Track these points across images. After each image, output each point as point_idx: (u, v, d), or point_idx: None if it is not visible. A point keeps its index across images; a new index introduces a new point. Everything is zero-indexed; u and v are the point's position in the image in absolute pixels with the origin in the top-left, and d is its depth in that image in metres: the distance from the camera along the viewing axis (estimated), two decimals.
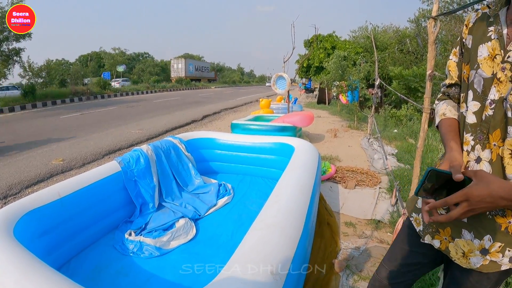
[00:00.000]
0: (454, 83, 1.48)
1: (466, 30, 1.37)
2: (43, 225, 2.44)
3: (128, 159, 3.44)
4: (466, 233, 1.24)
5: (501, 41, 1.16)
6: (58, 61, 56.68)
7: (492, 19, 1.23)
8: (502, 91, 1.13)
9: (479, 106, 1.22)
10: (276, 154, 4.31)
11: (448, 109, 1.48)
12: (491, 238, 1.19)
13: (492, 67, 1.17)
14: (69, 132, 10.59)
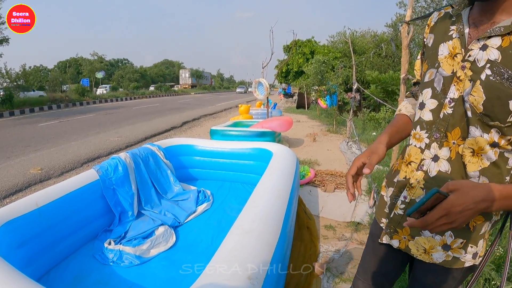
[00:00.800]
0: (417, 82, 1.54)
1: (428, 29, 1.40)
2: (21, 236, 2.43)
3: (106, 167, 3.44)
4: (425, 232, 1.26)
5: (462, 40, 1.18)
6: (36, 67, 55.90)
7: (455, 18, 1.25)
8: (461, 90, 1.15)
9: (436, 104, 1.23)
10: (254, 159, 4.34)
11: (405, 106, 1.54)
12: (452, 234, 1.22)
13: (452, 66, 1.19)
14: (47, 140, 10.45)
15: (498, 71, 1.05)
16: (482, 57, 1.09)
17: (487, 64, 1.07)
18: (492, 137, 1.10)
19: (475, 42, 1.13)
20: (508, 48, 1.05)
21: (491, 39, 1.08)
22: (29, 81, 29.08)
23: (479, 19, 1.17)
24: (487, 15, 1.14)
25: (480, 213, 1.11)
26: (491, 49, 1.08)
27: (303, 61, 29.11)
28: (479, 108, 1.09)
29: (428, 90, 1.27)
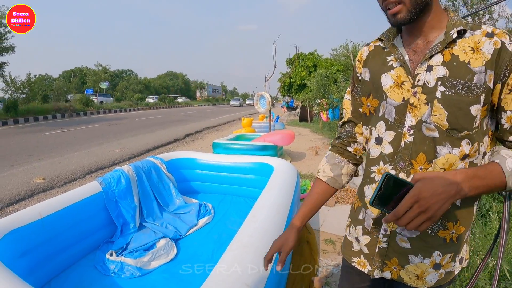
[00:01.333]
0: (347, 120, 1.50)
1: (359, 64, 1.40)
2: (24, 245, 2.48)
3: (109, 179, 3.48)
4: (413, 258, 1.24)
5: (406, 67, 1.19)
6: (41, 76, 56.12)
7: (389, 49, 1.27)
8: (418, 115, 1.15)
9: (394, 135, 1.22)
10: (256, 173, 4.39)
11: (323, 168, 1.50)
12: (440, 253, 1.22)
13: (402, 94, 1.19)
14: (51, 149, 10.52)
15: (451, 85, 1.09)
16: (431, 77, 1.12)
17: (437, 82, 1.11)
18: (463, 150, 1.12)
19: (419, 66, 1.16)
20: (451, 61, 1.10)
21: (433, 58, 1.13)
22: (33, 90, 29.21)
23: (413, 43, 1.21)
24: (419, 37, 1.19)
25: (461, 221, 1.20)
26: (436, 67, 1.12)
27: (306, 74, 29.20)
28: (444, 125, 1.11)
29: (381, 123, 1.26)
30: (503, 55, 1.06)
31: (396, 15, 1.13)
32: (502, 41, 1.07)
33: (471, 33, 1.12)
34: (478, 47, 1.09)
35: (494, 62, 1.07)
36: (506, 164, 1.05)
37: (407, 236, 1.23)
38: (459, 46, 1.12)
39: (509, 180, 1.04)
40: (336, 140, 1.54)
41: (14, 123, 20.80)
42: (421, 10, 1.13)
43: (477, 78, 1.07)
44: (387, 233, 1.27)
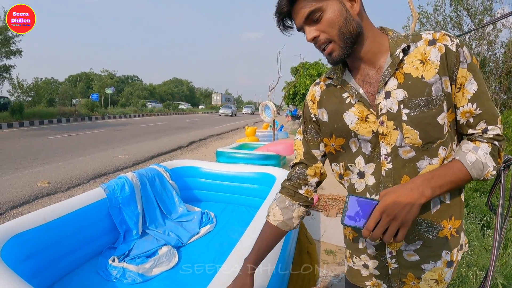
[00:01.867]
0: (299, 162, 1.47)
1: (313, 105, 1.40)
2: (28, 249, 2.52)
3: (113, 186, 3.53)
4: (426, 266, 1.25)
5: (364, 101, 1.20)
6: (47, 79, 56.43)
7: (341, 86, 1.27)
8: (391, 142, 1.17)
9: (374, 166, 1.23)
10: (258, 183, 4.43)
11: (273, 212, 1.46)
12: (447, 251, 1.24)
13: (370, 127, 1.20)
14: (56, 153, 10.59)
15: (413, 105, 1.12)
16: (392, 103, 1.14)
17: (400, 105, 1.13)
18: (441, 157, 1.16)
19: (377, 96, 1.17)
20: (406, 81, 1.13)
21: (388, 83, 1.15)
22: (39, 93, 29.40)
23: (364, 74, 1.22)
24: (368, 67, 1.21)
25: (455, 215, 1.24)
26: (394, 92, 1.14)
27: (310, 83, 29.31)
28: (418, 142, 1.14)
29: (360, 158, 1.27)
30: (449, 57, 1.11)
31: (331, 55, 1.17)
32: (445, 45, 1.12)
33: (415, 46, 1.16)
34: (425, 57, 1.13)
35: (445, 67, 1.11)
36: (466, 158, 1.12)
37: (412, 249, 1.24)
38: (408, 63, 1.15)
39: (472, 172, 1.11)
40: (286, 182, 1.51)
41: (19, 126, 20.92)
42: (353, 43, 1.15)
43: (435, 89, 1.11)
44: (393, 255, 1.28)
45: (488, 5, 14.69)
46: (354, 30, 1.13)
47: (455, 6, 15.44)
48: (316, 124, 1.40)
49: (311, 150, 1.44)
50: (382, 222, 1.05)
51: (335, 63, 1.20)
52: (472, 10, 15.04)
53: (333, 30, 1.13)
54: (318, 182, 1.47)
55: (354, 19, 1.14)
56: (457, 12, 15.59)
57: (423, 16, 16.13)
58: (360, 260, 1.39)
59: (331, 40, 1.14)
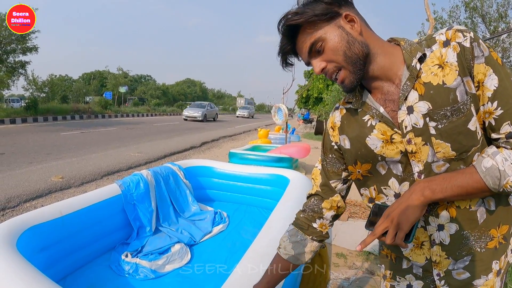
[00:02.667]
0: (315, 193, 1.44)
1: (333, 132, 1.35)
2: (43, 241, 2.55)
3: (129, 183, 3.56)
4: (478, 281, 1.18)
5: (387, 121, 1.14)
6: (61, 76, 57.08)
7: (361, 109, 1.21)
8: (423, 158, 1.10)
9: (408, 184, 1.16)
10: (271, 185, 4.43)
11: (284, 245, 1.43)
12: (496, 260, 1.18)
13: (397, 148, 1.14)
14: (69, 149, 10.69)
15: (439, 116, 1.05)
16: (417, 118, 1.08)
17: (425, 119, 1.06)
18: None
19: (400, 112, 1.11)
20: (426, 91, 1.06)
21: (408, 98, 1.09)
22: (54, 90, 29.73)
23: (384, 92, 1.16)
24: (386, 83, 1.15)
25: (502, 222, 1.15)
26: (416, 106, 1.07)
27: (323, 86, 29.26)
28: (452, 154, 1.07)
29: (393, 180, 1.20)
30: (466, 55, 1.03)
31: (344, 82, 1.13)
32: (458, 42, 1.04)
33: (430, 51, 1.09)
34: (443, 61, 1.06)
35: (464, 66, 1.03)
36: (481, 164, 1.02)
37: (461, 267, 1.18)
38: (425, 71, 1.07)
39: (486, 179, 1.00)
40: (300, 214, 1.46)
41: (33, 121, 21.22)
42: (364, 64, 1.10)
43: (460, 93, 1.03)
44: (441, 276, 1.21)
45: (503, 12, 14.63)
46: (360, 51, 1.09)
47: (470, 13, 15.41)
48: (338, 152, 1.35)
49: (329, 181, 1.39)
50: (383, 224, 1.06)
51: (350, 90, 1.16)
52: (487, 17, 14.99)
53: (339, 56, 1.09)
54: (334, 216, 1.43)
55: (357, 40, 1.09)
56: (472, 19, 15.54)
57: (438, 22, 16.10)
58: (405, 280, 1.32)
59: (340, 67, 1.11)
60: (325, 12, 1.08)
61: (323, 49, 1.10)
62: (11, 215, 5.16)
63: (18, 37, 23.15)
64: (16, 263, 1.85)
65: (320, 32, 1.09)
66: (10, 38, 22.63)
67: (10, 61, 24.22)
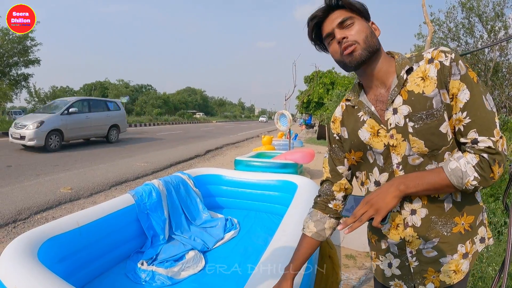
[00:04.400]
0: (326, 179, 1.67)
1: (335, 125, 1.60)
2: (62, 251, 2.63)
3: (141, 192, 3.64)
4: (444, 259, 1.38)
5: (375, 117, 1.39)
6: (62, 88, 57.11)
7: (357, 106, 1.47)
8: (401, 152, 1.33)
9: (387, 175, 1.40)
10: (279, 191, 4.51)
11: (307, 225, 1.64)
12: (462, 244, 1.37)
13: (381, 141, 1.37)
14: (75, 160, 10.75)
15: (416, 118, 1.28)
16: (399, 118, 1.31)
17: (406, 119, 1.30)
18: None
19: (386, 112, 1.35)
20: (409, 98, 1.29)
21: (394, 101, 1.32)
22: None
23: (377, 93, 1.41)
24: (380, 86, 1.40)
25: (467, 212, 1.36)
26: (400, 108, 1.31)
27: (324, 91, 29.33)
28: (425, 150, 1.29)
29: (375, 169, 1.44)
30: (444, 71, 1.25)
31: (352, 53, 1.32)
32: (440, 61, 1.26)
33: (417, 65, 1.32)
34: (426, 74, 1.28)
35: (442, 81, 1.25)
36: (448, 165, 1.23)
37: (430, 247, 1.38)
38: (410, 81, 1.31)
39: (451, 178, 1.21)
40: (317, 198, 1.69)
41: None
42: (373, 53, 1.34)
43: (435, 102, 1.25)
44: (413, 254, 1.42)
45: (500, 11, 14.68)
46: (375, 43, 1.34)
47: (467, 13, 15.45)
48: (340, 142, 1.59)
49: (336, 167, 1.62)
50: (361, 208, 1.25)
51: (354, 62, 1.34)
52: (484, 16, 15.04)
53: (361, 36, 1.32)
54: (344, 196, 1.64)
55: (376, 38, 1.36)
56: (469, 19, 15.59)
57: (435, 23, 16.15)
58: (386, 259, 1.55)
59: (357, 42, 1.31)
60: (363, 10, 1.37)
61: (351, 26, 1.33)
62: (22, 227, 5.23)
63: (20, 50, 23.34)
64: (41, 273, 1.94)
65: (354, 16, 1.34)
66: (13, 51, 22.83)
67: (12, 74, 24.42)
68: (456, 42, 16.52)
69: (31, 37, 23.79)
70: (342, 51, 1.34)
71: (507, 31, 14.33)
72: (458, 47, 16.32)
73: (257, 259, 2.30)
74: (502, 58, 15.45)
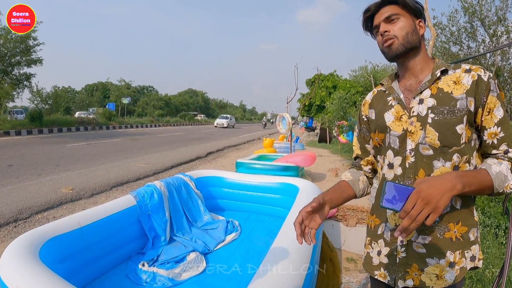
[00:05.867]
0: (356, 156, 1.85)
1: (364, 107, 1.76)
2: (63, 251, 2.62)
3: (143, 194, 3.64)
4: (430, 260, 1.44)
5: (402, 104, 1.51)
6: (64, 88, 57.24)
7: (388, 91, 1.60)
8: (416, 139, 1.43)
9: (401, 159, 1.49)
10: (281, 193, 4.50)
11: (345, 175, 1.77)
12: (451, 252, 1.42)
13: (402, 125, 1.48)
14: (77, 161, 10.77)
15: (438, 111, 1.39)
16: (423, 108, 1.43)
17: (428, 111, 1.41)
18: (454, 162, 1.39)
19: (412, 101, 1.47)
20: (437, 93, 1.42)
21: (423, 93, 1.45)
22: (57, 101, 29.87)
23: (408, 84, 1.54)
24: (412, 78, 1.53)
25: (462, 222, 1.43)
26: (426, 100, 1.43)
27: (325, 94, 29.35)
28: (436, 144, 1.39)
29: (390, 152, 1.55)
30: (480, 84, 1.37)
31: (391, 46, 1.48)
32: (478, 74, 1.38)
33: (453, 71, 1.44)
34: (459, 80, 1.40)
35: (474, 91, 1.37)
36: (491, 168, 1.32)
37: (421, 242, 1.44)
38: (443, 81, 1.43)
39: (495, 181, 1.31)
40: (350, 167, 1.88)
41: (38, 133, 21.38)
42: (410, 48, 1.47)
43: (460, 104, 1.37)
44: (404, 244, 1.48)
45: (502, 15, 14.66)
46: (414, 41, 1.47)
47: (469, 17, 15.43)
48: (367, 124, 1.73)
49: (364, 145, 1.78)
50: (417, 206, 1.19)
51: (391, 54, 1.50)
52: (486, 20, 15.01)
53: (402, 32, 1.46)
54: (371, 169, 1.81)
55: (418, 35, 1.49)
56: (471, 23, 15.57)
57: (438, 27, 16.14)
58: (377, 246, 1.63)
59: (396, 37, 1.46)
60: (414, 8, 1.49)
61: (396, 22, 1.48)
62: (23, 227, 5.23)
63: (23, 50, 23.36)
64: (43, 273, 1.94)
65: (401, 13, 1.48)
66: (15, 50, 22.86)
67: (15, 74, 24.45)
68: (458, 46, 16.49)
69: (34, 37, 23.83)
70: (383, 43, 1.50)
71: (510, 35, 14.32)
72: (460, 51, 16.30)
73: (258, 261, 2.31)
74: (503, 63, 15.43)
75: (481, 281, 3.11)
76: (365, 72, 31.56)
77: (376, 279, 1.65)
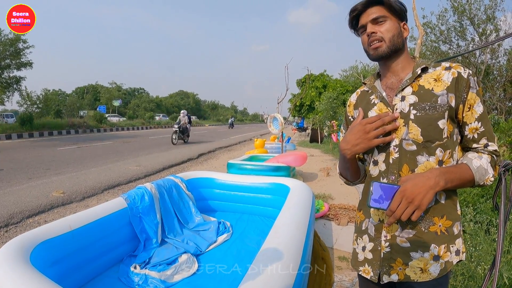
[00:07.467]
0: None
1: (350, 109, 1.83)
2: (54, 255, 2.61)
3: (134, 196, 3.64)
4: (414, 254, 1.48)
5: (385, 101, 1.57)
6: (54, 91, 56.95)
7: (371, 91, 1.68)
8: (400, 135, 1.49)
9: (384, 155, 1.55)
10: (272, 193, 4.51)
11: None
12: (435, 245, 1.47)
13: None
14: (68, 164, 10.74)
15: (420, 107, 1.45)
16: (405, 105, 1.49)
17: (410, 107, 1.47)
18: (438, 157, 1.46)
19: (395, 98, 1.53)
20: (418, 90, 1.48)
21: (404, 90, 1.51)
22: (48, 104, 29.73)
23: (389, 82, 1.61)
24: (393, 77, 1.60)
25: (447, 216, 1.49)
26: (408, 97, 1.49)
27: (316, 94, 29.41)
28: (419, 139, 1.46)
29: (374, 149, 1.60)
30: (460, 81, 1.44)
31: (377, 49, 1.53)
32: (458, 71, 1.46)
33: (433, 69, 1.52)
34: (439, 77, 1.48)
35: (454, 87, 1.44)
36: (472, 163, 1.42)
37: (405, 237, 1.49)
38: (424, 78, 1.50)
39: (476, 175, 1.41)
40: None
41: (29, 136, 21.31)
42: (395, 51, 1.54)
43: (440, 99, 1.44)
44: (387, 238, 1.54)
45: (491, 14, 14.80)
46: (399, 43, 1.54)
47: (458, 16, 15.56)
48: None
49: None
50: (402, 204, 1.32)
51: (377, 56, 1.56)
52: (475, 19, 15.16)
53: (388, 34, 1.52)
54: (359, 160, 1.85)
55: (402, 37, 1.56)
56: (460, 22, 15.70)
57: (427, 26, 16.27)
58: (362, 241, 1.69)
59: (383, 39, 1.52)
60: (399, 10, 1.55)
61: (382, 24, 1.53)
62: (14, 231, 5.22)
63: (12, 52, 23.25)
64: (33, 277, 1.94)
65: (388, 15, 1.54)
66: (5, 53, 22.74)
67: (4, 77, 24.32)
68: (447, 45, 16.63)
69: (23, 40, 23.76)
70: (369, 43, 1.56)
71: (498, 34, 14.45)
72: (449, 50, 16.44)
73: (250, 261, 2.31)
74: (493, 61, 15.60)
75: (473, 277, 3.15)
76: (355, 71, 31.78)
77: (361, 275, 1.69)
